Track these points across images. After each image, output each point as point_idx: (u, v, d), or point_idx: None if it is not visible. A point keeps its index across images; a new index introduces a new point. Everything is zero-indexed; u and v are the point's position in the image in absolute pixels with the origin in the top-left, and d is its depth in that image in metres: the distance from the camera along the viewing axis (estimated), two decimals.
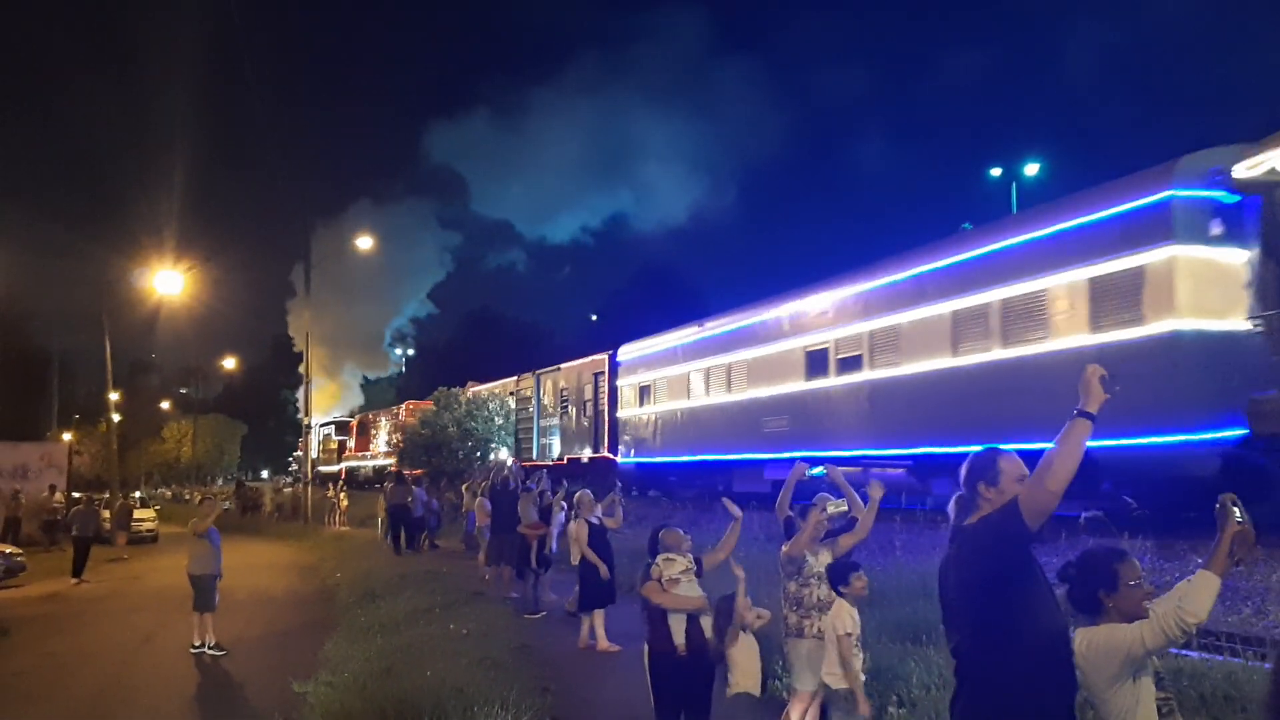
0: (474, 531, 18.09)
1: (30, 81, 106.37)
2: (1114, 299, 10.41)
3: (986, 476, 3.12)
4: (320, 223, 46.82)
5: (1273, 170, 9.09)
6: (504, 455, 20.06)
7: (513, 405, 31.65)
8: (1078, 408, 2.91)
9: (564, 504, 12.76)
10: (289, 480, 52.18)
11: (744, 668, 5.26)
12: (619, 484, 11.98)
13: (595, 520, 10.08)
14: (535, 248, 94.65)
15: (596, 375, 26.11)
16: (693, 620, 5.23)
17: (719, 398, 19.49)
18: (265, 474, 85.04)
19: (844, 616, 5.13)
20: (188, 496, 62.06)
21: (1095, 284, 10.64)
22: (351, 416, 55.11)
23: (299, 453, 60.31)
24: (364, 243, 34.88)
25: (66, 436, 43.92)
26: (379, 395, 70.76)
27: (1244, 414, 9.18)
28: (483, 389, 32.66)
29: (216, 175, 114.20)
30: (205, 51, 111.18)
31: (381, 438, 45.20)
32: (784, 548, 5.78)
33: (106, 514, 28.01)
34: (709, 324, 20.52)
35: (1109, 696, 2.97)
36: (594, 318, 70.06)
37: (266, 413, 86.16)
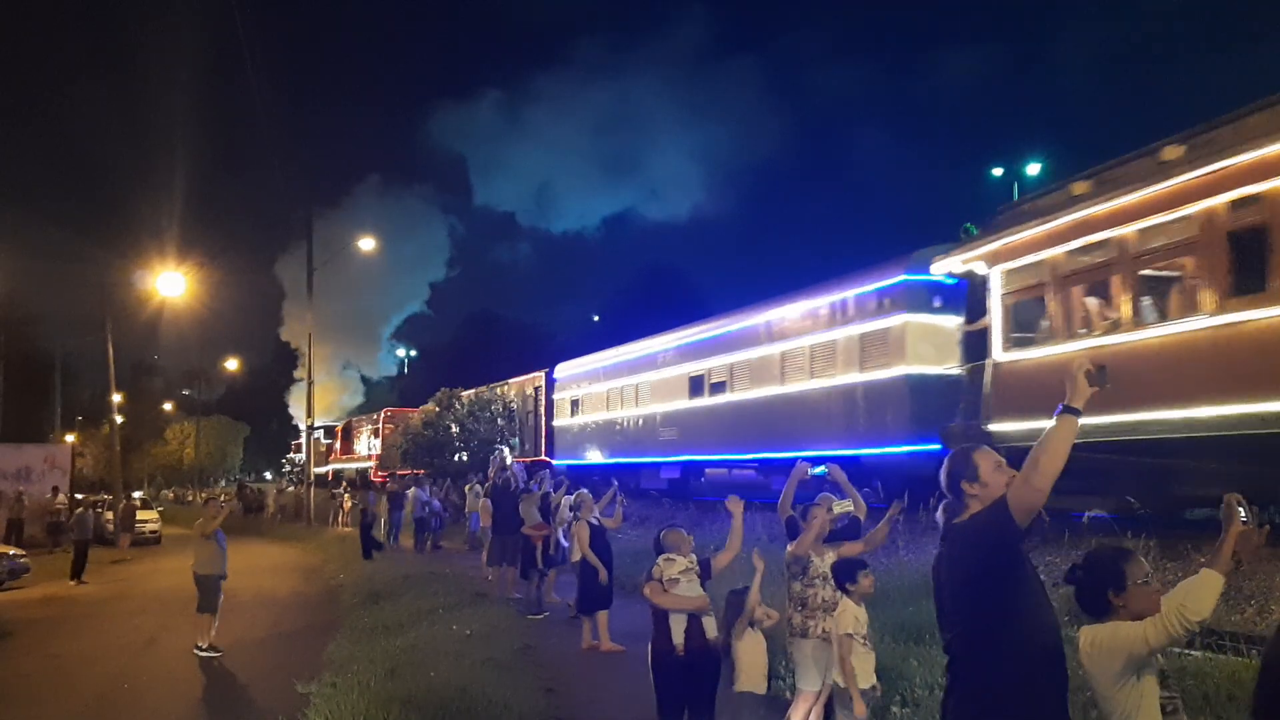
0: (478, 531, 18.08)
1: (30, 85, 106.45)
2: (873, 349, 14.11)
3: (966, 473, 3.16)
4: (321, 215, 46.68)
5: (950, 271, 12.10)
6: (507, 455, 20.09)
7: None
8: (1063, 403, 2.88)
9: (565, 496, 12.78)
10: (286, 482, 52.51)
11: (750, 665, 5.27)
12: (616, 481, 12.10)
13: (595, 522, 10.09)
14: (538, 244, 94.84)
15: (536, 389, 29.46)
16: (693, 620, 5.23)
17: (630, 411, 23.01)
18: (268, 475, 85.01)
19: (846, 616, 5.13)
20: (190, 498, 62.13)
21: (863, 337, 14.34)
22: (337, 422, 56.29)
23: (293, 455, 60.79)
24: (366, 243, 34.68)
25: (69, 439, 44.00)
26: (381, 395, 70.77)
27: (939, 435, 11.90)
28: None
29: (219, 177, 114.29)
30: (207, 51, 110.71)
31: (364, 442, 47.72)
32: (789, 547, 5.78)
33: (110, 516, 28.11)
34: (622, 349, 23.88)
35: (1113, 695, 2.97)
36: (596, 318, 70.20)
37: (269, 414, 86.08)
